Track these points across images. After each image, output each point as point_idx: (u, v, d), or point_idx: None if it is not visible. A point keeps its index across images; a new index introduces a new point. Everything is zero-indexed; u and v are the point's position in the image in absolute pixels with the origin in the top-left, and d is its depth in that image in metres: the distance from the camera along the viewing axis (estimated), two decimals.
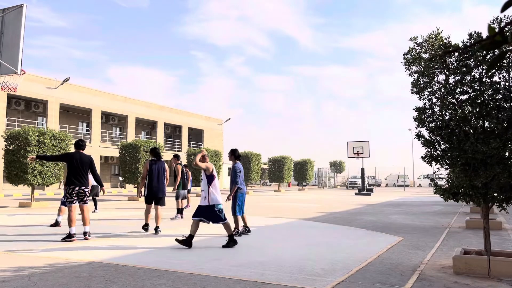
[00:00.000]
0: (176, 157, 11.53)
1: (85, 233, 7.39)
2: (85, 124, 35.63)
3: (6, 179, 17.11)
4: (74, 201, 7.38)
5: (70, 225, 7.24)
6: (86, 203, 7.55)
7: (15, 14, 11.44)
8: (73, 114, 34.35)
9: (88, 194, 7.61)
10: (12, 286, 4.19)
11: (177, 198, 11.38)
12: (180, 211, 11.27)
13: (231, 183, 8.02)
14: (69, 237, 7.22)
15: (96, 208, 12.98)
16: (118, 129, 39.33)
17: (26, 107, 30.86)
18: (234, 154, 8.21)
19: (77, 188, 7.36)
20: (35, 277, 4.57)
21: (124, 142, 22.40)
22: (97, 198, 13.27)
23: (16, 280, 4.43)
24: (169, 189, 14.05)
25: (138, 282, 4.41)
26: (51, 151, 16.32)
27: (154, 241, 7.36)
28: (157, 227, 8.29)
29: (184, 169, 12.11)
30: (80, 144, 7.71)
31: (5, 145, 16.39)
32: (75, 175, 7.36)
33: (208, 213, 6.67)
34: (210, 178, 6.87)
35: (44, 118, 30.76)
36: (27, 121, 30.07)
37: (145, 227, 8.49)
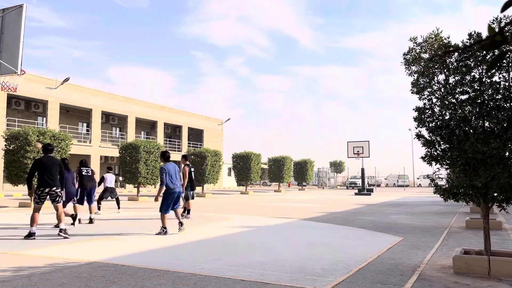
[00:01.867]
0: (185, 157, 11.60)
1: (60, 230, 7.62)
2: (85, 124, 35.63)
3: (6, 179, 17.11)
4: (42, 202, 7.63)
5: (31, 225, 7.49)
6: (59, 202, 7.80)
7: (15, 14, 11.43)
8: (73, 114, 34.35)
9: (60, 194, 7.81)
10: (12, 286, 4.19)
11: (186, 199, 11.41)
12: (187, 211, 11.38)
13: (160, 184, 8.33)
14: (29, 235, 7.42)
15: (119, 208, 13.19)
16: (118, 129, 39.33)
17: (26, 107, 30.86)
18: (163, 156, 8.66)
19: (47, 190, 7.58)
20: (35, 277, 4.57)
21: (124, 142, 22.41)
22: (118, 198, 13.40)
23: (16, 280, 4.43)
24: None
25: (138, 282, 4.41)
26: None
27: (154, 241, 7.36)
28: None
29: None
30: (47, 149, 7.95)
31: (5, 145, 16.39)
32: (45, 177, 7.58)
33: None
34: None
35: (44, 118, 30.76)
36: (27, 121, 30.07)
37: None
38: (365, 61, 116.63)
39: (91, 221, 9.94)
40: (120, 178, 19.66)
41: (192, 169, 11.15)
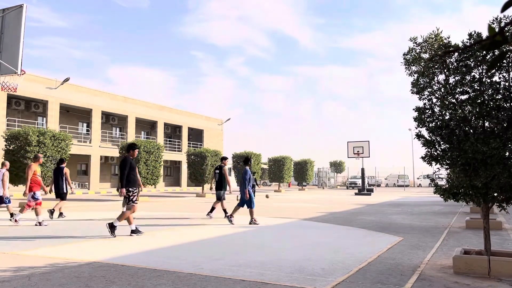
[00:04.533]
0: (225, 159, 12.06)
1: (132, 231, 7.93)
2: (85, 124, 35.63)
3: None
4: (136, 202, 8.08)
5: (131, 223, 7.94)
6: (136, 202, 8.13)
7: (15, 14, 11.44)
8: (73, 114, 34.34)
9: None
10: (12, 286, 4.19)
11: (219, 199, 11.61)
12: (212, 210, 11.78)
13: (245, 185, 10.13)
14: (136, 231, 7.93)
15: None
16: (118, 129, 39.32)
17: (26, 107, 30.86)
18: (247, 162, 10.53)
19: (135, 189, 7.99)
20: (35, 277, 4.57)
21: (124, 142, 22.41)
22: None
23: (16, 280, 4.43)
24: (169, 190, 14.02)
25: (138, 282, 4.40)
26: (51, 151, 16.33)
27: (154, 241, 7.36)
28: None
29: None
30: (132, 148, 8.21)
31: (5, 145, 16.40)
32: (133, 176, 7.88)
33: None
34: None
35: (44, 118, 30.76)
36: (27, 121, 30.07)
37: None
38: (365, 61, 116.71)
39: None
40: None
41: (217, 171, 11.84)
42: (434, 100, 5.36)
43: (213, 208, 11.73)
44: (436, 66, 5.24)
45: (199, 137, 46.32)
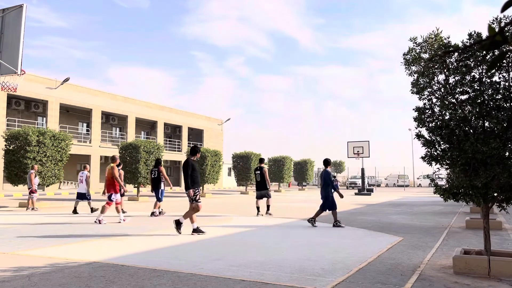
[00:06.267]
0: (262, 160, 13.00)
1: (194, 230, 8.18)
2: (85, 124, 35.63)
3: (6, 179, 17.12)
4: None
5: (193, 221, 8.23)
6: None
7: (15, 14, 11.44)
8: (73, 114, 34.35)
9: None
10: (12, 286, 4.19)
11: (260, 198, 12.40)
12: (259, 209, 12.34)
13: (334, 187, 10.34)
14: (199, 231, 8.19)
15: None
16: (118, 129, 39.33)
17: (26, 107, 30.86)
18: (328, 163, 10.39)
19: (199, 189, 8.39)
20: (35, 277, 4.57)
21: (124, 142, 22.41)
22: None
23: (16, 280, 4.43)
24: (169, 190, 14.05)
25: (138, 282, 4.41)
26: (51, 151, 16.32)
27: (154, 241, 7.36)
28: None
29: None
30: (195, 150, 8.59)
31: (5, 145, 16.39)
32: (196, 178, 8.26)
33: None
34: None
35: (44, 118, 30.77)
36: (27, 121, 30.07)
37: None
38: (365, 61, 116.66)
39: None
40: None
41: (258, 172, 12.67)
42: (434, 100, 5.36)
43: (258, 208, 12.32)
44: (436, 66, 5.24)
45: (199, 137, 46.32)
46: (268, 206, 12.40)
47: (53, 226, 9.45)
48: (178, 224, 8.14)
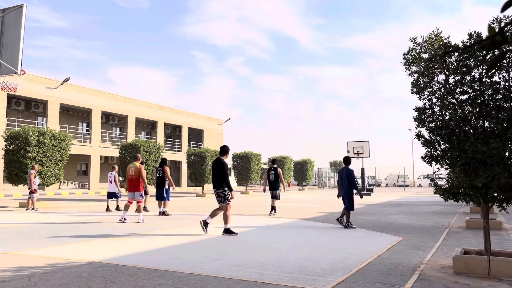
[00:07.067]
0: (274, 162, 13.37)
1: (224, 230, 8.25)
2: (85, 124, 35.64)
3: (6, 179, 17.13)
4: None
5: (227, 222, 8.36)
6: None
7: (15, 14, 11.44)
8: (73, 114, 34.35)
9: None
10: (12, 286, 4.19)
11: (275, 197, 12.86)
12: (273, 208, 12.69)
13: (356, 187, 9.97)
14: (231, 232, 8.25)
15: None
16: (118, 129, 39.33)
17: (26, 107, 30.86)
18: (348, 161, 10.08)
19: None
20: (35, 277, 4.57)
21: (124, 142, 22.41)
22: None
23: (16, 280, 4.43)
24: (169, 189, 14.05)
25: (138, 282, 4.40)
26: (51, 151, 16.32)
27: (154, 241, 7.36)
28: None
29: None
30: (225, 150, 8.68)
31: (5, 145, 16.39)
32: (228, 178, 8.50)
33: None
34: None
35: (44, 118, 30.77)
36: (27, 121, 30.07)
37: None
38: (365, 61, 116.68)
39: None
40: (120, 178, 19.65)
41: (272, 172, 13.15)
42: (434, 100, 5.36)
43: (273, 207, 12.66)
44: (436, 66, 5.24)
45: (199, 137, 46.33)
46: (273, 207, 12.70)
47: (53, 226, 9.45)
48: (205, 224, 8.16)
